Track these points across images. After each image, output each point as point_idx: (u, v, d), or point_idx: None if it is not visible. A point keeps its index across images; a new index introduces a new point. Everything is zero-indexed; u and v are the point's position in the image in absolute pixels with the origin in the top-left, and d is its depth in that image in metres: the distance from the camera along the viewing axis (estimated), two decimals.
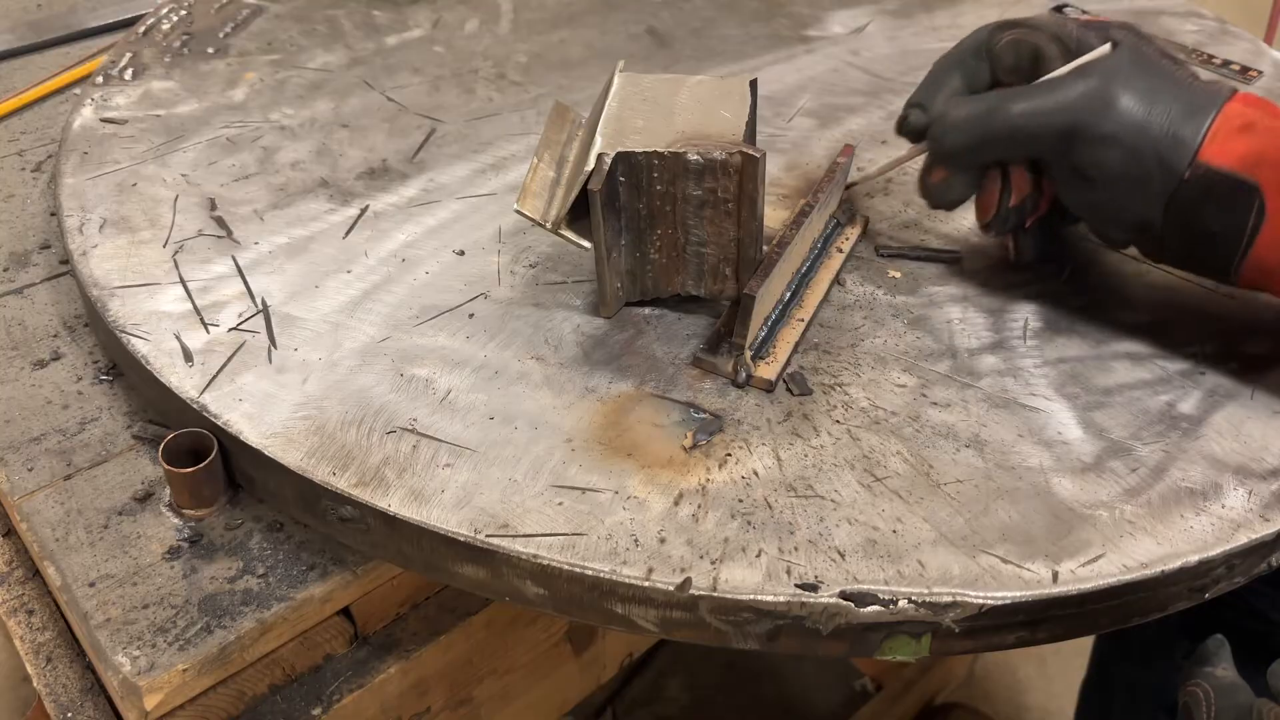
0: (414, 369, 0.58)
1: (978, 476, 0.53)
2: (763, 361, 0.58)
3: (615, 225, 0.58)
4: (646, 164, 0.56)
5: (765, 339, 0.59)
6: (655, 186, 0.57)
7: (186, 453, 0.55)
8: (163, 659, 0.50)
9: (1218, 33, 0.94)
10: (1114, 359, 0.60)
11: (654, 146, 0.56)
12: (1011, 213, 0.61)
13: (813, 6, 0.97)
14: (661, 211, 0.58)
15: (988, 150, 0.59)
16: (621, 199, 0.57)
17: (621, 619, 0.49)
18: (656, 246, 0.59)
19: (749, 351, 0.57)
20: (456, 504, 0.51)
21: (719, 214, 0.57)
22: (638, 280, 0.60)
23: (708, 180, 0.56)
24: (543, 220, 0.58)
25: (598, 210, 0.56)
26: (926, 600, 0.47)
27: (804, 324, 0.60)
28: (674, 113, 0.58)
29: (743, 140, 0.56)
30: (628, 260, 0.60)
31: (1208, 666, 0.57)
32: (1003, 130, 0.58)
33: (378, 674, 0.57)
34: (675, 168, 0.56)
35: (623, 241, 0.59)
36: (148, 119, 0.78)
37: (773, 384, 0.57)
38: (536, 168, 0.59)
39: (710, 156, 0.55)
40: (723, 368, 0.58)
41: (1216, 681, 0.56)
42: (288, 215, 0.69)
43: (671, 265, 0.60)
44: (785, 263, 0.59)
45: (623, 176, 0.56)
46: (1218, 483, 0.53)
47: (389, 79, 0.84)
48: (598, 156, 0.56)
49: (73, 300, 0.68)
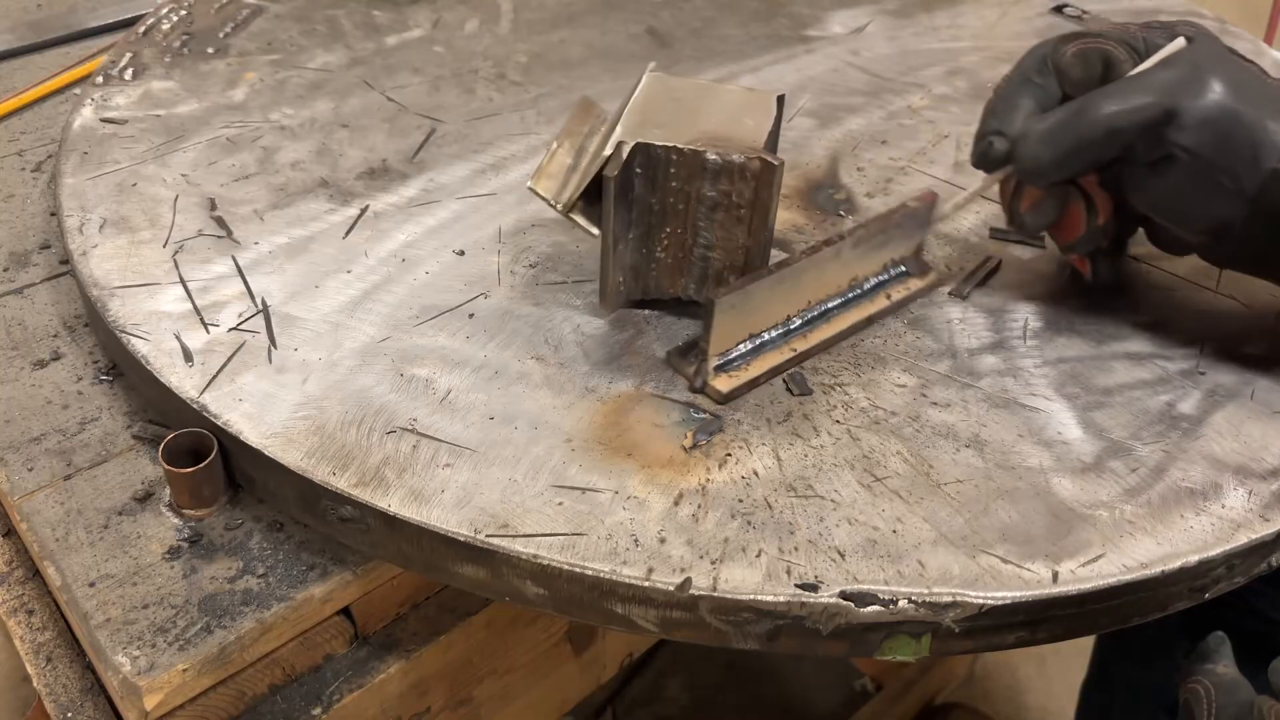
0: (414, 369, 0.58)
1: (978, 476, 0.53)
2: (726, 374, 0.57)
3: (625, 217, 0.58)
4: (665, 158, 0.56)
5: (745, 354, 0.57)
6: (670, 182, 0.56)
7: (186, 453, 0.55)
8: (163, 659, 0.50)
9: (1218, 33, 0.94)
10: (1114, 359, 0.60)
11: (674, 142, 0.56)
12: (1098, 231, 0.60)
13: (813, 6, 0.97)
14: (674, 209, 0.57)
15: (1082, 157, 0.57)
16: (636, 190, 0.57)
17: (621, 619, 0.49)
18: (664, 245, 0.59)
19: (713, 360, 0.56)
20: (456, 504, 0.51)
21: (730, 219, 0.57)
22: (640, 278, 0.60)
23: (723, 182, 0.56)
24: (554, 200, 0.58)
25: (610, 197, 0.55)
26: (926, 600, 0.47)
27: (794, 354, 0.58)
28: (699, 115, 0.58)
29: (763, 148, 0.56)
30: (633, 255, 0.60)
31: (1208, 664, 0.57)
32: (1096, 131, 0.55)
33: (378, 674, 0.57)
34: (693, 165, 0.56)
35: (631, 235, 0.59)
36: (148, 119, 0.78)
37: (725, 396, 0.56)
38: (555, 152, 0.59)
39: (729, 158, 0.55)
40: (684, 369, 0.57)
41: (1217, 679, 0.56)
42: (288, 215, 0.69)
43: (676, 266, 0.59)
44: (785, 285, 0.57)
45: (639, 168, 0.56)
46: (1218, 483, 0.53)
47: (389, 79, 0.84)
48: (617, 144, 0.55)
49: (73, 300, 0.68)
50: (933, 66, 0.88)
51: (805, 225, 0.70)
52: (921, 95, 0.84)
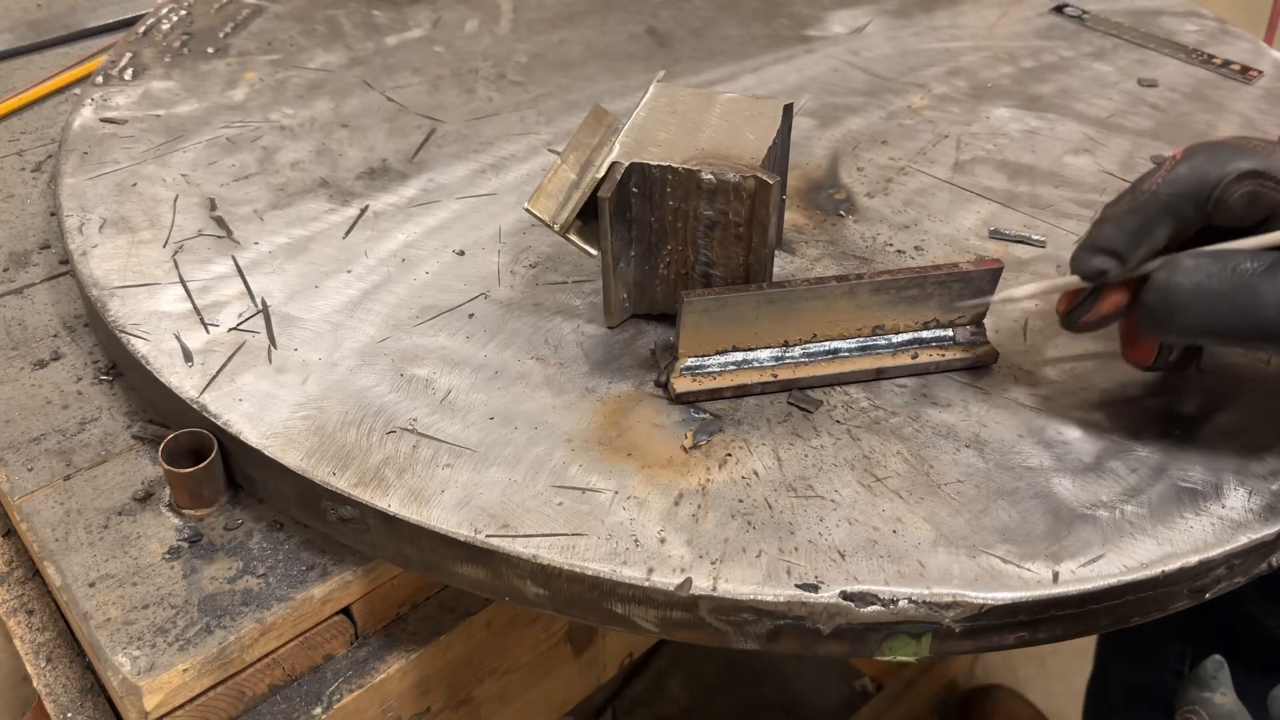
0: (414, 369, 0.58)
1: (978, 476, 0.53)
2: (690, 375, 0.56)
3: (625, 236, 0.57)
4: (660, 178, 0.55)
5: (724, 365, 0.56)
6: (668, 201, 0.56)
7: (186, 453, 0.55)
8: (163, 659, 0.50)
9: (1218, 33, 0.94)
10: (1114, 358, 0.60)
11: (670, 160, 0.55)
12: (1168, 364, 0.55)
13: (813, 6, 0.97)
14: (673, 227, 0.57)
15: (1227, 340, 0.49)
16: (634, 210, 0.57)
17: (621, 619, 0.49)
18: (666, 262, 0.58)
19: (684, 360, 0.56)
20: (456, 504, 0.51)
21: (729, 237, 0.56)
22: (646, 293, 0.60)
23: (719, 201, 0.55)
24: (551, 221, 0.57)
25: (606, 218, 0.55)
26: (926, 600, 0.47)
27: (773, 380, 0.56)
28: (700, 129, 0.58)
29: (761, 164, 0.55)
30: (637, 272, 0.59)
31: (1205, 691, 0.55)
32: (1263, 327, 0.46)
33: (378, 674, 0.57)
34: (688, 185, 0.55)
35: (633, 253, 0.58)
36: (148, 119, 0.78)
37: (677, 395, 0.55)
38: (558, 169, 0.58)
39: (724, 178, 0.54)
40: (658, 361, 0.58)
41: (1215, 709, 0.55)
42: (288, 215, 0.69)
43: (680, 283, 0.59)
44: (775, 306, 0.55)
45: (635, 188, 0.56)
46: (1218, 483, 0.53)
47: (389, 79, 0.84)
48: (611, 165, 0.55)
49: (73, 300, 0.68)
50: (933, 66, 0.88)
51: (805, 225, 0.70)
52: (921, 95, 0.84)
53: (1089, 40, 0.93)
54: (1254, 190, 0.48)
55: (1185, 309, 0.47)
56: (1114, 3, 0.99)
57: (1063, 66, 0.89)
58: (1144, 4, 0.99)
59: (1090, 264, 0.50)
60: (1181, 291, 0.47)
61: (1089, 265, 0.51)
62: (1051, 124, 0.81)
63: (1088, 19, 0.96)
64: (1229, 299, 0.46)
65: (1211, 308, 0.47)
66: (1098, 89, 0.86)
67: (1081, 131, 0.80)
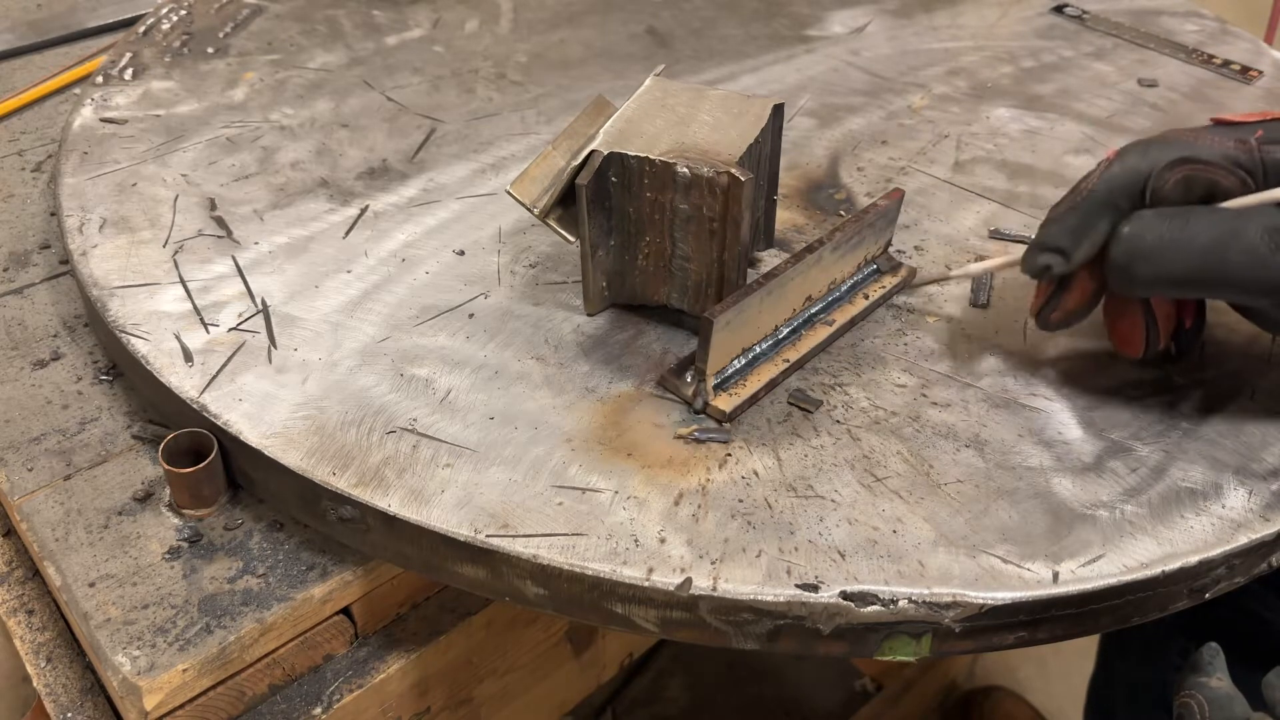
0: (414, 369, 0.58)
1: (978, 476, 0.53)
2: (725, 393, 0.56)
3: (604, 225, 0.58)
4: (639, 169, 0.56)
5: (741, 370, 0.57)
6: (645, 193, 0.56)
7: (186, 453, 0.55)
8: (163, 659, 0.50)
9: (1218, 33, 0.94)
10: (1114, 359, 0.60)
11: (650, 152, 0.55)
12: (1157, 353, 0.56)
13: (813, 6, 0.97)
14: (651, 219, 0.57)
15: (1193, 287, 0.50)
16: (613, 200, 0.57)
17: (621, 619, 0.49)
18: (645, 254, 0.59)
19: (711, 379, 0.55)
20: (456, 504, 0.51)
21: (703, 231, 0.56)
22: (626, 283, 0.60)
23: (694, 195, 0.55)
24: (531, 205, 0.57)
25: (583, 206, 0.55)
26: (926, 600, 0.47)
27: (788, 365, 0.58)
28: (688, 123, 0.58)
29: (737, 161, 0.55)
30: (616, 262, 0.59)
31: (1201, 676, 0.56)
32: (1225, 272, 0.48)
33: (378, 674, 0.57)
34: (664, 177, 0.55)
35: (612, 242, 0.58)
36: (148, 119, 0.78)
37: (728, 415, 0.55)
38: (547, 155, 0.59)
39: (698, 172, 0.54)
40: (683, 391, 0.56)
41: (1210, 693, 0.55)
42: (288, 215, 0.69)
43: (658, 275, 0.59)
44: (773, 296, 0.56)
45: (615, 177, 0.56)
46: (1218, 483, 0.53)
47: (389, 79, 0.84)
48: (590, 153, 0.55)
49: (73, 300, 0.68)
50: (933, 66, 0.88)
51: (805, 225, 0.70)
52: (921, 95, 0.84)
53: (1089, 40, 0.93)
54: (1186, 175, 0.51)
55: (1147, 257, 0.49)
56: (1114, 3, 0.99)
57: (1063, 66, 0.89)
58: (1144, 4, 0.99)
59: (1036, 262, 0.54)
60: (1144, 241, 0.49)
61: (1035, 263, 0.54)
62: (1051, 124, 0.81)
63: (1088, 19, 0.96)
64: (1188, 244, 0.49)
65: (1174, 255, 0.49)
66: (1098, 89, 0.86)
67: (1081, 131, 0.80)
